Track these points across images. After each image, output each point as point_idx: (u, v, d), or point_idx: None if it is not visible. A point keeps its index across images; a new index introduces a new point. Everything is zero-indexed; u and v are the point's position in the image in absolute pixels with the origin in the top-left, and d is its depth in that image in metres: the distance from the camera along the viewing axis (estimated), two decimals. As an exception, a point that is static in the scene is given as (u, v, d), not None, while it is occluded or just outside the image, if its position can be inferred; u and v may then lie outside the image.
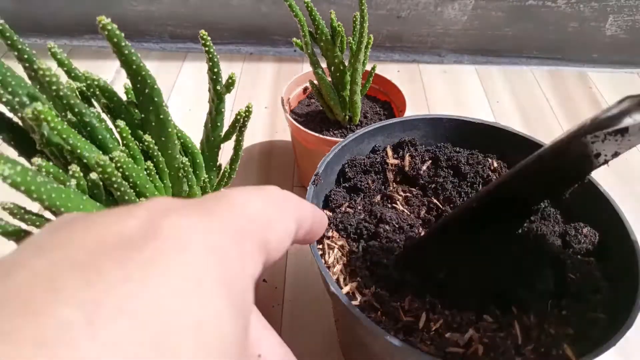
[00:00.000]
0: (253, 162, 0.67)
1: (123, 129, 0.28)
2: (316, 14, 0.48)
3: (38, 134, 0.26)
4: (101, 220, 0.12)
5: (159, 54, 0.89)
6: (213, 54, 0.31)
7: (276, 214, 0.15)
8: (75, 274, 0.09)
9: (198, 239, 0.11)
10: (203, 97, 0.78)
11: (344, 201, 0.36)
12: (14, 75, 0.26)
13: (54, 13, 0.87)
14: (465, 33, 0.86)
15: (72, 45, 0.90)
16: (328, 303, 0.45)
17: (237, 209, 0.13)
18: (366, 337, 0.28)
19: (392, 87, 0.61)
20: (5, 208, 0.25)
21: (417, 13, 0.84)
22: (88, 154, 0.26)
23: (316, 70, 0.52)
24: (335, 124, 0.58)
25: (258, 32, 0.88)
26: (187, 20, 0.87)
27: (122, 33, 0.24)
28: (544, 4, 0.81)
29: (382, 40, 0.88)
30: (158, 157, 0.30)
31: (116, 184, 0.26)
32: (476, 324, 0.27)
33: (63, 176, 0.26)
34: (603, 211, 0.33)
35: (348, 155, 0.39)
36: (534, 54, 0.89)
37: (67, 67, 0.30)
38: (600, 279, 0.30)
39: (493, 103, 0.80)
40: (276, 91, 0.80)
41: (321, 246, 0.32)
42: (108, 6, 0.85)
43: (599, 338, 0.26)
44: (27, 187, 0.21)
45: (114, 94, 0.29)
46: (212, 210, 0.13)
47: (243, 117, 0.36)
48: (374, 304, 0.28)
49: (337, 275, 0.30)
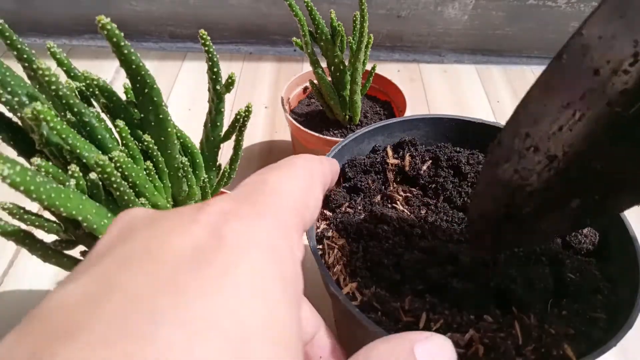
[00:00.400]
0: (253, 162, 0.67)
1: (122, 128, 0.28)
2: (316, 14, 0.48)
3: (37, 134, 0.26)
4: (168, 227, 0.13)
5: (159, 53, 0.89)
6: (213, 53, 0.31)
7: (309, 192, 0.16)
8: (164, 294, 0.11)
9: (255, 241, 0.13)
10: (203, 97, 0.78)
11: (344, 201, 0.36)
12: (14, 75, 0.26)
13: (53, 13, 0.87)
14: (465, 33, 0.86)
15: (72, 45, 0.90)
16: (328, 303, 0.45)
17: (281, 200, 0.15)
18: (366, 337, 0.28)
19: (392, 87, 0.61)
20: (5, 208, 0.25)
21: (417, 13, 0.84)
22: (87, 154, 0.26)
23: (316, 70, 0.52)
24: (335, 123, 0.58)
25: (258, 31, 0.88)
26: (186, 20, 0.87)
27: (121, 33, 0.24)
28: (544, 3, 0.81)
29: (382, 40, 0.88)
30: (157, 156, 0.30)
31: (115, 184, 0.26)
32: (476, 324, 0.27)
33: (62, 176, 0.26)
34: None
35: (348, 155, 0.39)
36: (534, 54, 0.89)
37: (66, 66, 0.30)
38: (601, 279, 0.30)
39: (493, 103, 0.80)
40: (276, 91, 0.80)
41: (321, 246, 0.32)
42: (107, 6, 0.85)
43: (600, 338, 0.26)
44: (26, 187, 0.21)
45: (113, 94, 0.29)
46: (261, 205, 0.14)
47: (243, 117, 0.36)
48: (374, 304, 0.28)
49: (337, 275, 0.30)
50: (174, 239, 0.12)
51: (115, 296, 0.10)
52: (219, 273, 0.11)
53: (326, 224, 0.33)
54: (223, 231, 0.12)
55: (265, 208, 0.14)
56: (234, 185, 0.48)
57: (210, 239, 0.12)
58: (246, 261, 0.12)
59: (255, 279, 0.12)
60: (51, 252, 0.28)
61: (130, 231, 0.13)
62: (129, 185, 0.28)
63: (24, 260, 0.53)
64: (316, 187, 0.17)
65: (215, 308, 0.11)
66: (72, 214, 0.24)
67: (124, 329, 0.10)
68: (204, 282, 0.11)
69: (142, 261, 0.11)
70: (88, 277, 0.11)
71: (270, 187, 0.15)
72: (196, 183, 0.35)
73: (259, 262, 0.12)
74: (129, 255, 0.12)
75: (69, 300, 0.11)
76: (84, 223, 0.25)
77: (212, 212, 0.13)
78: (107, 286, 0.11)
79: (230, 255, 0.12)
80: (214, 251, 0.12)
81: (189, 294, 0.11)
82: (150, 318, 0.10)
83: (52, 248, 0.28)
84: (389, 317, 0.28)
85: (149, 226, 0.13)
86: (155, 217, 0.14)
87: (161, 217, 0.14)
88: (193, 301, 0.11)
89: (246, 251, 0.12)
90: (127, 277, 0.11)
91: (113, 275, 0.11)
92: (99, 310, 0.10)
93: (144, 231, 0.13)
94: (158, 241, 0.12)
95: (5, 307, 0.49)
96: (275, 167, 0.17)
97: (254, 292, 0.11)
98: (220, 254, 0.12)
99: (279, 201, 0.15)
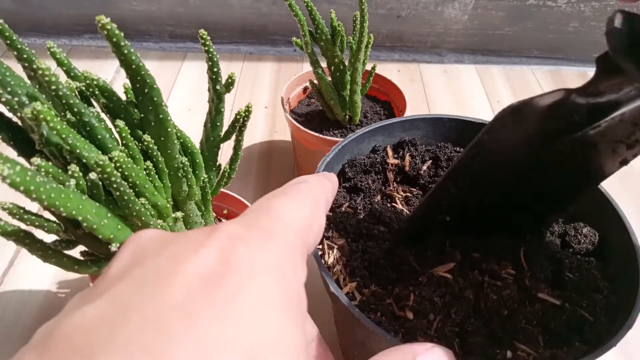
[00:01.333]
0: (253, 162, 0.67)
1: (122, 128, 0.28)
2: (316, 14, 0.48)
3: (37, 134, 0.26)
4: (178, 252, 0.14)
5: (159, 53, 0.89)
6: (213, 53, 0.31)
7: (313, 217, 0.17)
8: (177, 318, 0.11)
9: (261, 265, 0.13)
10: (203, 97, 0.78)
11: (344, 201, 0.36)
12: (13, 75, 0.26)
13: (53, 13, 0.87)
14: (465, 33, 0.86)
15: (72, 45, 0.90)
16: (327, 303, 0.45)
17: (285, 225, 0.16)
18: (366, 337, 0.28)
19: (392, 87, 0.61)
20: (5, 208, 0.25)
21: (417, 13, 0.84)
22: (87, 154, 0.26)
23: (316, 70, 0.52)
24: (335, 123, 0.58)
25: (258, 31, 0.88)
26: (186, 20, 0.87)
27: (121, 33, 0.24)
28: (544, 3, 0.81)
29: (382, 40, 0.88)
30: (157, 157, 0.30)
31: (115, 184, 0.26)
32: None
33: (62, 176, 0.26)
34: (603, 211, 0.33)
35: (348, 155, 0.39)
36: (534, 54, 0.89)
37: (66, 66, 0.30)
38: (600, 279, 0.30)
39: (493, 103, 0.80)
40: (276, 91, 0.80)
41: (321, 246, 0.32)
42: (107, 6, 0.85)
43: (600, 338, 0.26)
44: (26, 187, 0.21)
45: (113, 94, 0.29)
46: (267, 230, 0.15)
47: (243, 117, 0.36)
48: (374, 304, 0.28)
49: (336, 275, 0.30)
50: (184, 265, 0.13)
51: (131, 319, 0.11)
52: (227, 296, 0.12)
53: (326, 224, 0.33)
54: (231, 256, 0.13)
55: (271, 233, 0.15)
56: (234, 185, 0.48)
57: (218, 264, 0.13)
58: (253, 284, 0.13)
59: (262, 300, 0.13)
60: (51, 252, 0.28)
61: (143, 255, 0.14)
62: (129, 185, 0.28)
63: (24, 260, 0.53)
64: (320, 211, 0.18)
65: (226, 328, 0.11)
66: (72, 214, 0.24)
67: (139, 350, 0.11)
68: (214, 305, 0.12)
69: (155, 286, 0.12)
70: (104, 300, 0.12)
71: (276, 212, 0.16)
72: (196, 183, 0.35)
73: (265, 284, 0.13)
74: (143, 280, 0.13)
75: (87, 322, 0.11)
76: (84, 223, 0.25)
77: (220, 238, 0.14)
78: (123, 310, 0.12)
79: (237, 279, 0.13)
80: (222, 276, 0.13)
81: (199, 317, 0.11)
82: (163, 340, 0.11)
83: (52, 248, 0.28)
84: (386, 315, 0.28)
85: (160, 250, 0.14)
86: (165, 240, 0.15)
87: (171, 241, 0.15)
88: (203, 323, 0.11)
89: (253, 275, 0.13)
90: (141, 301, 0.12)
91: (128, 299, 0.12)
92: (115, 332, 0.11)
93: (156, 256, 0.14)
94: (170, 266, 0.13)
95: (5, 307, 0.49)
96: (281, 193, 0.18)
97: (261, 313, 0.12)
98: (229, 279, 0.13)
99: (284, 227, 0.15)
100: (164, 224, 0.32)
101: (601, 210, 0.33)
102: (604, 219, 0.33)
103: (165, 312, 0.11)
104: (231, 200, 0.46)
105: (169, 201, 0.33)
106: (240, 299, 0.12)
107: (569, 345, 0.26)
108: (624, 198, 0.62)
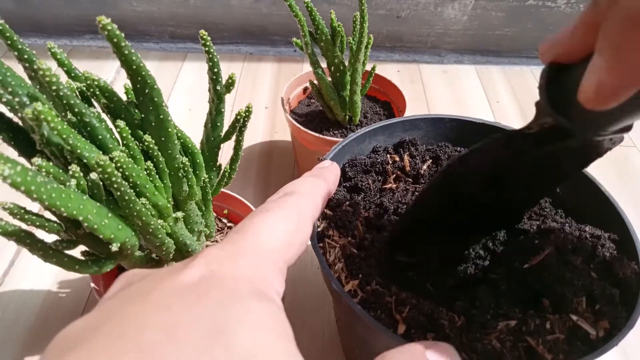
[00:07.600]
0: (253, 162, 0.67)
1: (123, 129, 0.28)
2: (316, 14, 0.48)
3: (38, 134, 0.26)
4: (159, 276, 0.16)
5: (159, 54, 0.89)
6: (213, 54, 0.31)
7: (294, 232, 0.19)
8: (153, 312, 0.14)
9: (245, 289, 0.15)
10: (203, 97, 0.78)
11: (344, 200, 0.36)
12: (14, 75, 0.26)
13: (54, 13, 0.87)
14: (465, 33, 0.86)
15: (72, 45, 0.90)
16: (328, 302, 0.45)
17: (260, 241, 0.17)
18: (368, 335, 0.28)
19: (392, 87, 0.61)
20: (5, 208, 0.25)
21: (417, 13, 0.84)
22: (88, 154, 0.26)
23: (316, 70, 0.52)
24: (335, 124, 0.58)
25: (258, 32, 0.88)
26: (187, 20, 0.87)
27: (122, 33, 0.24)
28: (544, 4, 0.81)
29: (382, 40, 0.88)
30: (158, 157, 0.30)
31: (116, 184, 0.26)
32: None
33: (63, 176, 0.26)
34: (604, 211, 0.33)
35: (348, 155, 0.39)
36: (534, 54, 0.89)
37: (67, 67, 0.30)
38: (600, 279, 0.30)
39: (493, 103, 0.80)
40: (276, 91, 0.80)
41: (322, 244, 0.32)
42: (108, 6, 0.85)
43: (600, 338, 0.26)
44: (27, 187, 0.21)
45: (114, 94, 0.29)
46: (240, 247, 0.17)
47: (243, 117, 0.36)
48: (375, 302, 0.28)
49: (338, 273, 0.30)
50: (168, 280, 0.15)
51: (111, 321, 0.14)
52: (199, 294, 0.14)
53: (327, 223, 0.33)
54: (206, 273, 0.15)
55: (244, 250, 0.17)
56: (235, 185, 0.48)
57: (194, 279, 0.15)
58: (222, 285, 0.15)
59: (228, 294, 0.15)
60: (52, 252, 0.28)
61: (129, 283, 0.17)
62: (130, 186, 0.28)
63: (24, 260, 0.53)
64: (304, 224, 0.20)
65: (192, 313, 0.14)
66: (72, 214, 0.24)
67: (116, 340, 0.13)
68: (184, 300, 0.14)
69: (135, 299, 0.15)
70: (92, 313, 0.15)
71: (254, 229, 0.18)
72: (197, 183, 0.35)
73: (248, 303, 0.15)
74: (127, 296, 0.15)
75: (76, 328, 0.14)
76: (85, 223, 0.25)
77: (200, 263, 0.16)
78: (106, 317, 0.14)
79: (206, 284, 0.15)
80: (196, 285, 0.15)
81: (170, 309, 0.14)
82: (136, 330, 0.13)
83: (53, 248, 0.28)
84: (386, 313, 0.28)
85: (144, 276, 0.16)
86: (150, 272, 0.17)
87: (155, 271, 0.17)
88: (175, 310, 0.14)
89: (221, 282, 0.15)
90: (122, 309, 0.14)
91: (112, 309, 0.15)
92: (97, 331, 0.13)
93: (140, 281, 0.16)
94: (153, 283, 0.15)
95: (6, 307, 0.49)
96: (264, 210, 0.19)
97: (227, 301, 0.14)
98: (202, 285, 0.15)
99: (259, 245, 0.17)
100: (164, 223, 0.32)
101: (602, 210, 0.33)
102: (604, 219, 0.33)
103: (143, 310, 0.14)
104: (231, 200, 0.46)
105: (169, 201, 0.33)
106: (208, 294, 0.14)
107: (569, 345, 0.26)
108: (624, 198, 0.62)
